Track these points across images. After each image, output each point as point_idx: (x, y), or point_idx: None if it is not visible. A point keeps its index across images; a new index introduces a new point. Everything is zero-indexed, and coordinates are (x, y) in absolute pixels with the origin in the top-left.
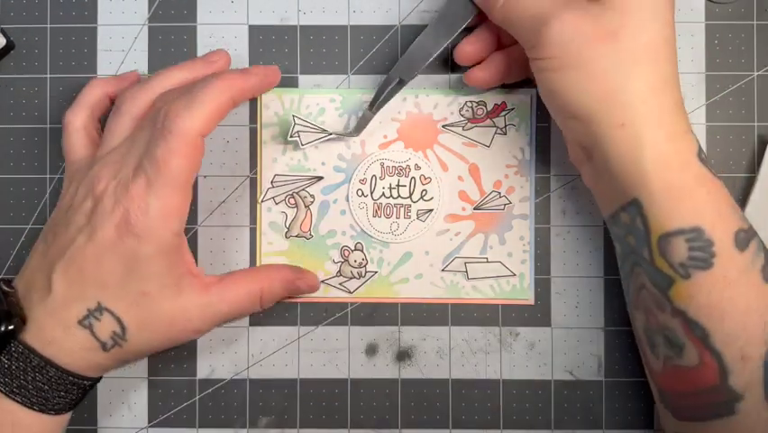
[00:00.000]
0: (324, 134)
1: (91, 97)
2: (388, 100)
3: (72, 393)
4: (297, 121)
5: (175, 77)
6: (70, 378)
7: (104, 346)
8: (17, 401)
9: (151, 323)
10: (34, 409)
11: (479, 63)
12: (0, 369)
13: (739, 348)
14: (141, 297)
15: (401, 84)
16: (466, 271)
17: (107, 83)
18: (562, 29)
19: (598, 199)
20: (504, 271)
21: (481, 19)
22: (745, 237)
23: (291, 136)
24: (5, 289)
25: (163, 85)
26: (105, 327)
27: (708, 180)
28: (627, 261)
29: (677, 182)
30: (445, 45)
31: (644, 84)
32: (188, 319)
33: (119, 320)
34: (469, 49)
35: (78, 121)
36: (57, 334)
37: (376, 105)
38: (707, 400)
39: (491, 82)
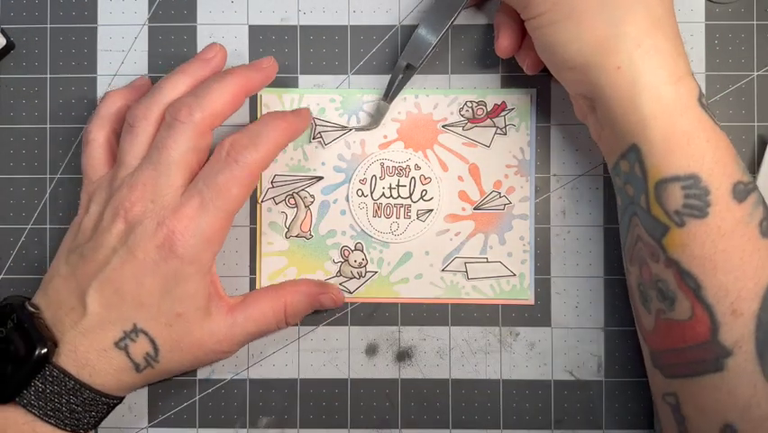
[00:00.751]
0: (344, 131)
1: (111, 110)
2: (401, 88)
3: (102, 412)
4: (318, 122)
5: (180, 85)
6: (103, 398)
7: (137, 368)
8: (51, 423)
9: (183, 345)
10: (67, 430)
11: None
12: (35, 393)
13: (731, 303)
14: (175, 318)
15: (411, 70)
16: (466, 271)
17: (124, 95)
18: None
19: (603, 152)
20: (504, 271)
21: None
22: (743, 189)
23: (314, 138)
24: (31, 310)
25: (171, 96)
26: (140, 348)
27: (708, 127)
28: (626, 213)
29: (675, 127)
30: (449, 26)
31: (636, 27)
32: (217, 341)
33: (153, 342)
34: (505, 43)
35: (102, 136)
36: (91, 356)
37: (390, 94)
38: (696, 356)
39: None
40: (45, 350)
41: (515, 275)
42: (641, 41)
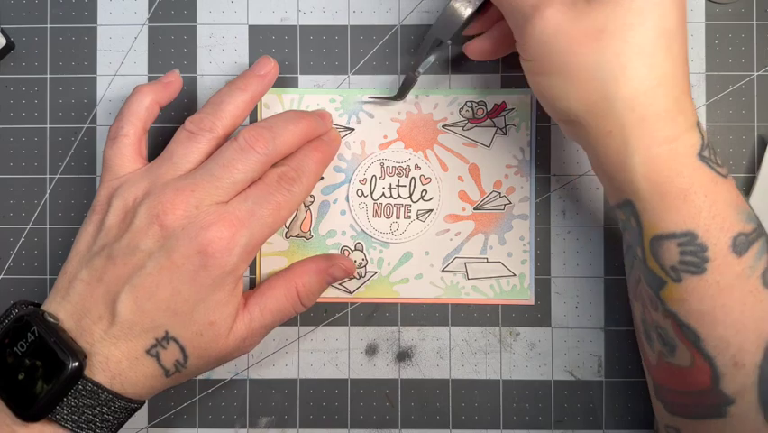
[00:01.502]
0: (347, 131)
1: (142, 106)
2: (430, 63)
3: (128, 417)
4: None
5: (241, 103)
6: (132, 404)
7: (166, 373)
8: None
9: (211, 351)
10: None
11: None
12: (68, 408)
13: (732, 355)
14: (207, 327)
15: (440, 45)
16: (466, 272)
17: (156, 91)
18: (544, 28)
19: (603, 187)
20: (504, 271)
21: None
22: (745, 241)
23: None
24: (52, 321)
25: (234, 114)
26: (170, 355)
27: (707, 181)
28: (628, 253)
29: (669, 187)
30: (478, 3)
31: (633, 89)
32: (240, 340)
33: (183, 350)
34: (483, 46)
35: (133, 133)
36: (123, 365)
37: (419, 66)
38: (698, 401)
39: (491, 54)
40: (77, 363)
41: (515, 275)
42: (635, 104)
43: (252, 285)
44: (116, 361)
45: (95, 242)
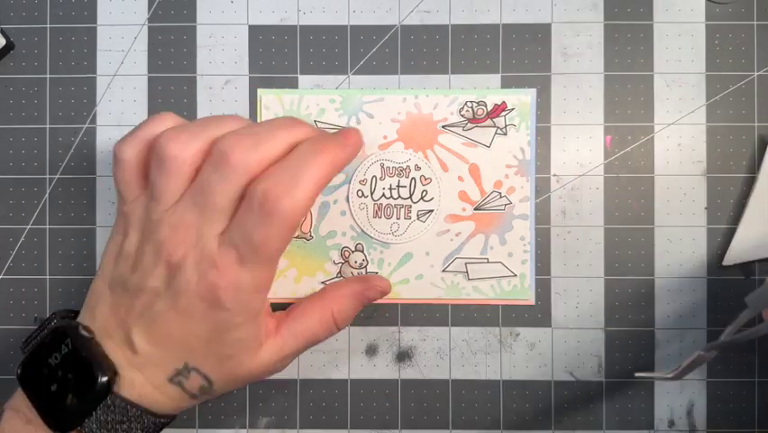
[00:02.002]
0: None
1: (151, 134)
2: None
3: (159, 432)
4: (320, 125)
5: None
6: (162, 420)
7: (193, 397)
8: None
9: (237, 375)
10: None
11: None
12: (96, 422)
13: None
14: (226, 359)
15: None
16: (467, 272)
17: (175, 122)
18: None
19: None
20: (505, 271)
21: None
22: None
23: None
24: (86, 335)
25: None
26: (194, 383)
27: None
28: None
29: None
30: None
31: None
32: (270, 364)
33: (206, 377)
34: None
35: (135, 157)
36: (147, 390)
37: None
38: None
39: None
40: (106, 378)
41: (515, 276)
42: None
43: None
44: (141, 384)
45: (116, 265)
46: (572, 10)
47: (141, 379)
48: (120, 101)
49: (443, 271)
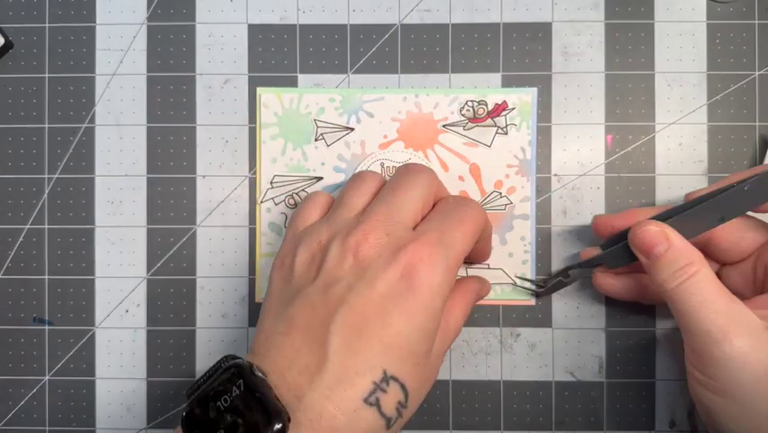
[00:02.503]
0: (347, 131)
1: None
2: (579, 275)
3: None
4: (320, 124)
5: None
6: None
7: (388, 423)
8: None
9: (428, 382)
10: None
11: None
12: None
13: None
14: (423, 356)
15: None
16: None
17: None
18: (733, 357)
19: None
20: (504, 278)
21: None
22: None
23: (317, 139)
24: (261, 376)
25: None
26: (392, 398)
27: None
28: None
29: None
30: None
31: None
32: (440, 359)
33: (404, 387)
34: (607, 282)
35: (324, 197)
36: (338, 421)
37: (572, 276)
38: None
39: (619, 295)
40: (280, 426)
41: (515, 284)
42: None
43: (252, 286)
44: (330, 417)
45: (285, 294)
46: (573, 9)
47: (332, 409)
48: (119, 100)
49: None
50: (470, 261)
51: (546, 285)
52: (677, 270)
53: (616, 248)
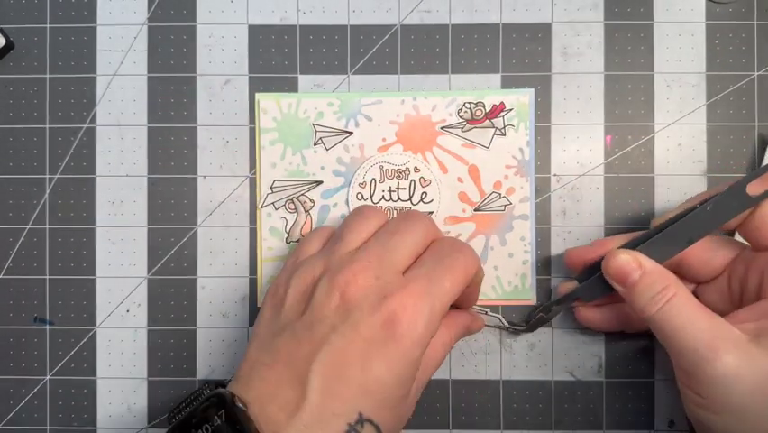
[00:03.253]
0: (346, 135)
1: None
2: (561, 311)
3: None
4: (318, 128)
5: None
6: None
7: None
8: None
9: (403, 417)
10: None
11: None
12: None
13: None
14: (399, 400)
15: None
16: None
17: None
18: (724, 373)
19: None
20: (494, 320)
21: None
22: None
23: (316, 143)
24: (241, 407)
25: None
26: None
27: None
28: None
29: None
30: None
31: None
32: (417, 396)
33: (378, 428)
34: (590, 315)
35: (328, 230)
36: None
37: (554, 312)
38: None
39: (603, 327)
40: None
41: (503, 326)
42: None
43: (252, 286)
44: None
45: (274, 324)
46: (573, 10)
47: None
48: (120, 101)
49: None
50: (455, 305)
51: (529, 323)
52: (654, 295)
53: (591, 280)
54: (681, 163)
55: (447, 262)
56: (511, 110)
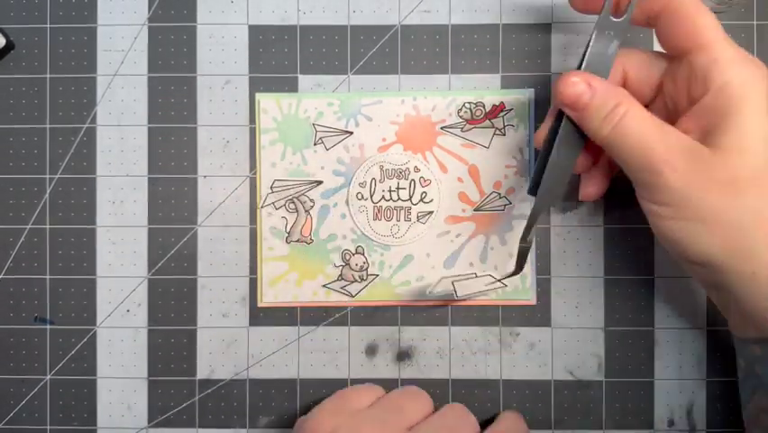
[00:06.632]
0: (346, 135)
1: None
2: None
3: None
4: (319, 128)
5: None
6: None
7: None
8: None
9: None
10: None
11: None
12: None
13: None
14: None
15: (548, 209)
16: (455, 291)
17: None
18: (676, 179)
19: (729, 322)
20: (496, 283)
21: None
22: None
23: (316, 143)
24: None
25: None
26: None
27: None
28: (748, 381)
29: None
30: (576, 157)
31: None
32: None
33: None
34: (592, 190)
35: None
36: None
37: (529, 236)
38: None
39: (604, 191)
40: None
41: (506, 286)
42: None
43: (253, 286)
44: None
45: None
46: (572, 10)
47: None
48: (120, 101)
49: (429, 292)
50: None
51: (516, 264)
52: (607, 114)
53: (551, 144)
54: None
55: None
56: (511, 110)
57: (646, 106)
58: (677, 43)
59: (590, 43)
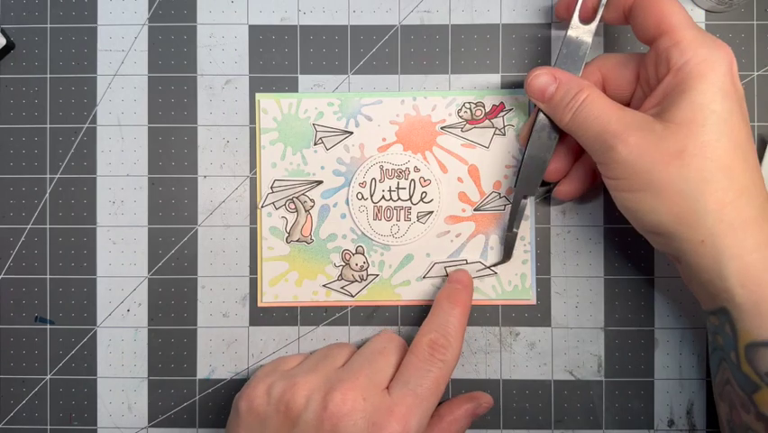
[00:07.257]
0: (346, 135)
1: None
2: (522, 216)
3: None
4: (319, 128)
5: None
6: None
7: None
8: None
9: None
10: None
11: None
12: None
13: None
14: None
15: (527, 198)
16: (447, 276)
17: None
18: (629, 153)
19: (695, 294)
20: (486, 271)
21: None
22: None
23: (316, 143)
24: None
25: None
26: None
27: None
28: (715, 354)
29: (766, 292)
30: (554, 147)
31: (719, 200)
32: None
33: None
34: (554, 167)
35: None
36: None
37: (515, 224)
38: None
39: (579, 192)
40: None
41: (495, 273)
42: (723, 214)
43: (253, 285)
44: None
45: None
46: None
47: None
48: (120, 101)
49: (424, 277)
50: None
51: (504, 253)
52: (569, 101)
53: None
54: None
55: (432, 377)
56: (511, 110)
57: (629, 102)
58: (648, 33)
59: (561, 47)
